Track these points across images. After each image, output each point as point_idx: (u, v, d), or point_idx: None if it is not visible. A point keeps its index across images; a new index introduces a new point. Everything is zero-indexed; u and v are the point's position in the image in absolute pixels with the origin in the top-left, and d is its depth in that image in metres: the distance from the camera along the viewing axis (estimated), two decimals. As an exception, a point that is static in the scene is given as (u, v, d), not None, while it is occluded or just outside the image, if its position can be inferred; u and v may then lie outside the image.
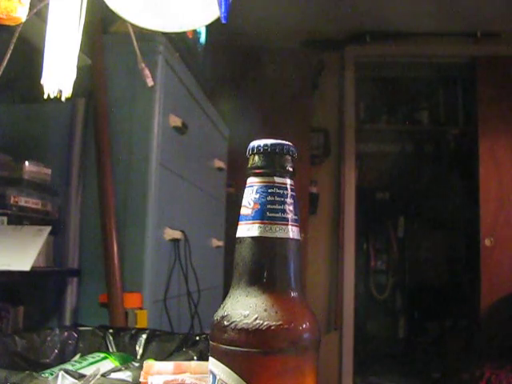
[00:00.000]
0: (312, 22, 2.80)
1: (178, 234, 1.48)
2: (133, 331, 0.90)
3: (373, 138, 3.49)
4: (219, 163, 2.04)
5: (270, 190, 0.39)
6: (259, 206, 0.38)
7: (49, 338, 0.86)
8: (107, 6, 0.80)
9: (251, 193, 0.39)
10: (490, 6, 2.54)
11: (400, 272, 3.64)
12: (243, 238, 0.40)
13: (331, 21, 2.85)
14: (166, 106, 1.39)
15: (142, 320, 1.23)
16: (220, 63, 2.30)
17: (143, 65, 1.06)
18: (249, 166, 0.40)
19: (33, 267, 1.05)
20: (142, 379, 0.59)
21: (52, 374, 0.62)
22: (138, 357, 0.86)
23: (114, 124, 1.32)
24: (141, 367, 0.61)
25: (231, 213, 2.20)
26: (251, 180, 0.40)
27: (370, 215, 3.40)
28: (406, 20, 2.79)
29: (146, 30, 0.84)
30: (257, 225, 0.38)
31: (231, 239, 0.42)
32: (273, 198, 0.39)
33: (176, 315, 1.50)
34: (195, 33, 1.77)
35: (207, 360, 0.41)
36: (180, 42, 1.55)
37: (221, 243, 2.08)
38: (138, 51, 1.05)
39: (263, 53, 2.93)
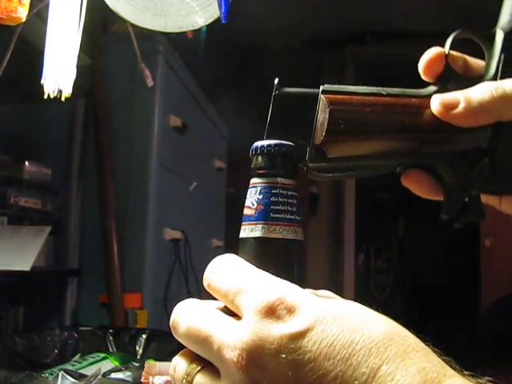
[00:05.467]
0: (312, 22, 2.79)
1: (177, 234, 1.48)
2: (133, 331, 0.90)
3: (373, 138, 3.48)
4: (219, 163, 2.04)
5: (273, 191, 0.39)
6: (263, 207, 0.38)
7: (49, 338, 0.86)
8: (107, 6, 0.80)
9: (254, 193, 0.39)
10: (490, 6, 2.54)
11: (400, 272, 3.63)
12: (246, 238, 0.39)
13: (331, 21, 2.84)
14: (165, 105, 1.39)
15: (142, 320, 1.23)
16: (220, 63, 2.30)
17: (143, 65, 1.06)
18: (252, 166, 0.40)
19: (33, 267, 1.05)
20: (143, 379, 0.59)
21: (52, 374, 0.62)
22: (138, 357, 0.86)
23: (114, 124, 1.31)
24: (141, 367, 0.61)
25: (231, 213, 2.20)
26: (254, 181, 0.39)
27: (369, 215, 3.40)
28: (406, 20, 2.79)
29: (146, 29, 0.84)
30: (260, 225, 0.38)
31: (231, 239, 0.42)
32: (276, 199, 0.38)
33: (176, 315, 1.50)
34: (195, 33, 1.76)
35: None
36: (180, 42, 1.55)
37: (221, 243, 2.08)
38: (137, 51, 1.04)
39: (263, 53, 2.93)
